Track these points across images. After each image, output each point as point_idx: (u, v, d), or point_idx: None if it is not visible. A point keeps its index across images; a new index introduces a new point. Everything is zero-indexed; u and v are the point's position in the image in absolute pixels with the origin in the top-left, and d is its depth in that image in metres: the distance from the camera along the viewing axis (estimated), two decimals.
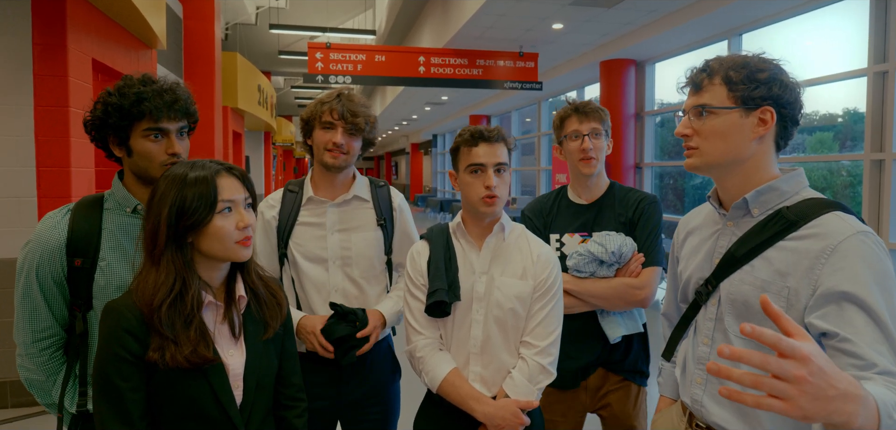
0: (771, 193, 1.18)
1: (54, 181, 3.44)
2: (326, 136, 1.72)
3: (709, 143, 1.18)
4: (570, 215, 1.93)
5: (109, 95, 1.35)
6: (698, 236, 1.33)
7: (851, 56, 5.61)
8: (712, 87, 1.18)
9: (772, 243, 1.13)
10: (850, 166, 6.02)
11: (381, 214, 1.83)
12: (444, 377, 1.54)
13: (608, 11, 6.71)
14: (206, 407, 1.20)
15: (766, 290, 1.11)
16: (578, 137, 1.86)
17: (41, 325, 1.36)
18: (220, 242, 1.19)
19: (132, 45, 4.50)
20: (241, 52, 10.69)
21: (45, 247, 1.34)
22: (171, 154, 1.36)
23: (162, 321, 1.14)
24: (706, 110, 1.17)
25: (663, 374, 1.51)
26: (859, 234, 1.05)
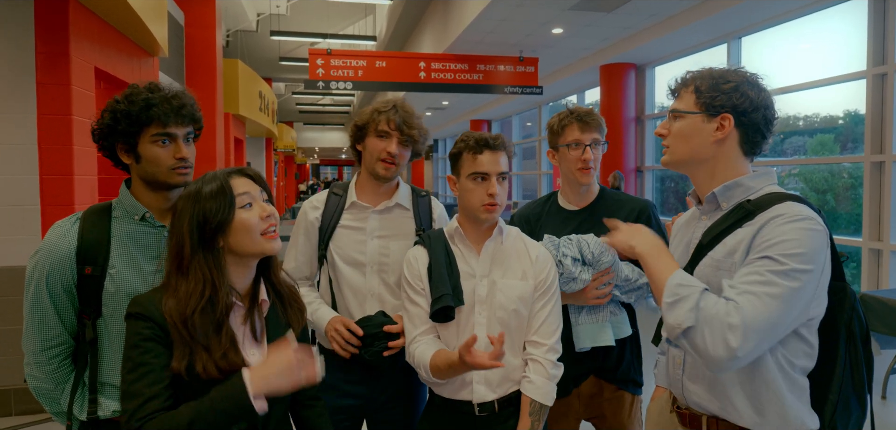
0: (737, 188, 1.29)
1: (58, 189, 3.46)
2: (381, 144, 1.73)
3: (676, 143, 1.33)
4: (560, 221, 1.92)
5: (118, 103, 1.37)
6: (685, 230, 1.46)
7: (850, 58, 5.63)
8: (685, 94, 1.33)
9: (731, 230, 1.25)
10: (851, 168, 6.02)
11: (421, 223, 1.84)
12: (431, 356, 1.53)
13: (608, 16, 6.74)
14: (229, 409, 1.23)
15: (719, 268, 1.24)
16: (580, 147, 1.83)
17: (50, 333, 1.37)
18: (248, 234, 1.24)
19: (134, 52, 4.53)
20: (243, 59, 10.73)
21: (55, 256, 1.35)
22: (179, 158, 1.38)
23: (195, 328, 1.18)
24: (676, 114, 1.33)
25: (658, 365, 1.57)
26: (802, 218, 1.15)
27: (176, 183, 1.41)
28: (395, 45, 12.89)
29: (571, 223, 1.90)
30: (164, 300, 1.21)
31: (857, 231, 5.60)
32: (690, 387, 1.33)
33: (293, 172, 27.60)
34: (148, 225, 1.42)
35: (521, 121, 14.84)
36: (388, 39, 12.45)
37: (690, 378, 1.33)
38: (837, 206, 6.36)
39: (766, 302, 1.11)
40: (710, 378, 1.28)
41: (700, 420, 1.31)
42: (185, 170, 1.41)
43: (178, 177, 1.40)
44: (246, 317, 1.31)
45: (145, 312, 1.21)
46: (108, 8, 3.71)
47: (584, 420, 1.95)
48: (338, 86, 8.27)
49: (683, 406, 1.36)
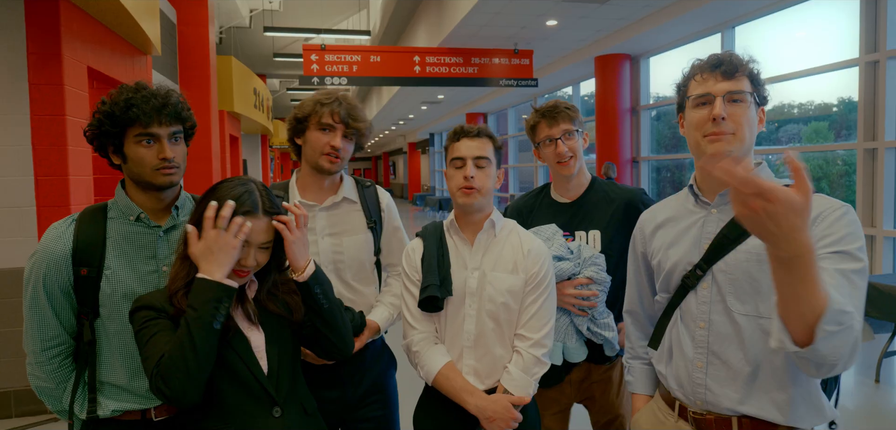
0: None
1: (53, 190, 3.46)
2: (325, 138, 1.68)
3: (744, 128, 1.25)
4: (551, 214, 1.93)
5: (103, 104, 1.38)
6: (674, 227, 1.39)
7: (843, 46, 5.64)
8: (742, 76, 1.26)
9: None
10: (845, 155, 6.05)
11: (371, 216, 1.81)
12: (439, 370, 1.58)
13: (602, 7, 6.74)
14: (237, 368, 1.31)
15: (764, 260, 1.18)
16: (552, 143, 1.86)
17: (49, 334, 1.38)
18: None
19: (127, 51, 4.52)
20: (236, 56, 10.70)
21: (51, 257, 1.36)
22: (162, 159, 1.37)
23: (180, 302, 1.27)
24: (739, 97, 1.24)
25: (634, 372, 1.55)
26: (842, 206, 1.19)
27: (161, 184, 1.40)
28: (389, 39, 12.86)
29: (561, 216, 1.92)
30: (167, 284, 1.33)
31: None
32: (718, 390, 1.26)
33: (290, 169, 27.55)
34: (143, 226, 1.43)
35: (516, 113, 14.84)
36: (382, 34, 12.42)
37: (718, 381, 1.26)
38: (832, 192, 6.39)
39: (860, 298, 1.10)
40: (743, 379, 1.23)
41: (729, 423, 1.25)
42: (169, 170, 1.39)
43: (162, 177, 1.39)
44: (235, 304, 1.37)
45: (145, 302, 1.30)
46: (100, 7, 3.69)
47: (577, 403, 1.98)
48: (332, 81, 8.26)
49: (702, 411, 1.29)
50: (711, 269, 1.27)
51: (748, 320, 1.23)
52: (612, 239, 1.86)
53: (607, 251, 1.85)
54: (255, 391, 1.31)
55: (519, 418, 1.55)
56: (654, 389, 1.51)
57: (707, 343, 1.28)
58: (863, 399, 3.73)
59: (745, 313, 1.23)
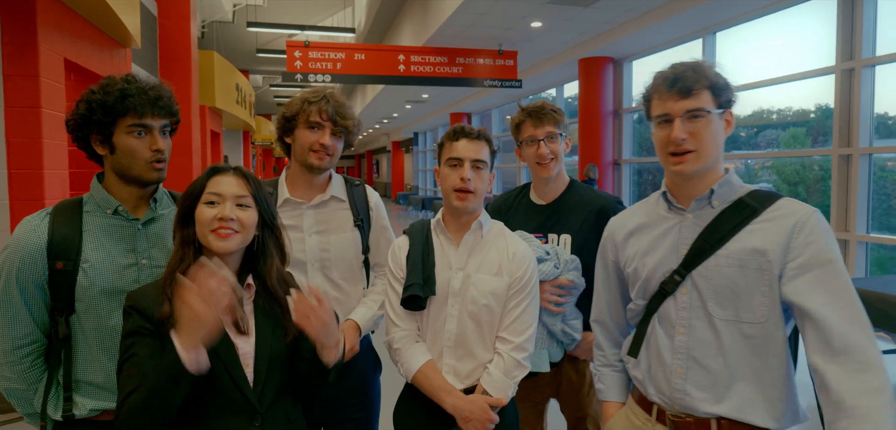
0: (727, 186, 1.30)
1: (26, 184, 3.37)
2: (313, 136, 1.68)
3: (706, 145, 1.24)
4: (528, 215, 1.94)
5: (93, 93, 1.35)
6: (648, 234, 1.38)
7: (820, 54, 5.77)
8: (701, 91, 1.24)
9: (741, 227, 1.25)
10: (821, 161, 6.19)
11: (358, 214, 1.81)
12: (418, 368, 1.58)
13: (586, 10, 6.79)
14: (220, 377, 1.26)
15: (746, 267, 1.22)
16: (534, 143, 1.86)
17: (21, 331, 1.34)
18: (200, 227, 1.29)
19: (106, 44, 4.43)
20: (219, 51, 10.56)
21: (25, 250, 1.32)
22: (155, 150, 1.37)
23: (171, 289, 1.24)
24: (699, 114, 1.24)
25: (605, 380, 1.54)
26: (815, 212, 1.22)
27: (150, 179, 1.39)
28: (374, 37, 12.81)
29: (537, 218, 1.92)
30: None
31: None
32: (697, 394, 1.27)
33: (271, 166, 27.29)
34: (121, 218, 1.40)
35: (501, 114, 14.89)
36: (367, 32, 12.37)
37: (697, 386, 1.27)
38: (808, 197, 6.53)
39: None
40: (723, 383, 1.25)
41: (708, 425, 1.26)
42: (160, 164, 1.39)
43: (154, 172, 1.38)
44: (227, 308, 1.30)
45: (135, 305, 1.25)
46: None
47: (553, 397, 1.99)
48: (316, 78, 8.20)
49: (681, 415, 1.29)
50: (690, 274, 1.28)
51: (728, 324, 1.24)
52: (581, 245, 1.85)
53: (576, 256, 1.84)
54: (237, 402, 1.27)
55: (495, 419, 1.55)
56: (625, 396, 1.51)
57: (687, 349, 1.29)
58: None
59: (726, 318, 1.24)
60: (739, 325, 1.24)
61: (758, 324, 1.23)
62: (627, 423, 1.43)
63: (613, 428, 1.48)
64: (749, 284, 1.22)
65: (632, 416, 1.43)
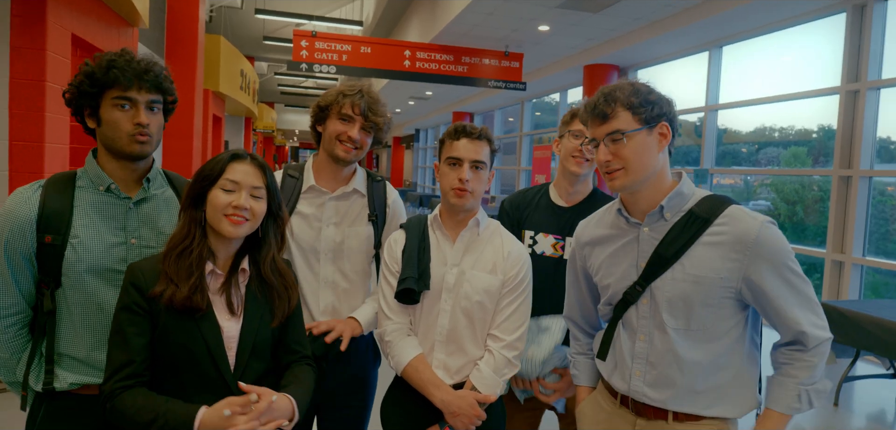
0: (678, 198, 1.36)
1: (27, 156, 3.38)
2: (342, 127, 1.71)
3: (632, 162, 1.31)
4: (548, 215, 1.95)
5: (85, 65, 1.36)
6: (610, 246, 1.46)
7: (826, 74, 5.78)
8: (617, 113, 1.32)
9: (694, 240, 1.32)
10: (820, 181, 6.20)
11: (374, 209, 1.83)
12: (408, 361, 1.59)
13: (594, 16, 6.80)
14: (201, 357, 1.29)
15: (700, 283, 1.30)
16: (579, 137, 1.88)
17: (7, 301, 1.34)
18: (213, 210, 1.31)
19: (113, 22, 4.43)
20: (225, 36, 10.56)
21: (15, 222, 1.32)
22: (137, 124, 1.34)
23: (170, 265, 1.29)
24: (624, 136, 1.31)
25: (578, 366, 1.62)
26: (763, 223, 1.28)
27: (132, 152, 1.36)
28: (381, 31, 12.81)
29: (558, 219, 1.93)
30: None
31: (822, 243, 5.77)
32: (655, 394, 1.36)
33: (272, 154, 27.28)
34: (113, 196, 1.40)
35: (503, 116, 14.89)
36: (374, 25, 12.37)
37: (654, 388, 1.36)
38: (806, 217, 6.54)
39: (811, 296, 1.30)
40: (679, 386, 1.34)
41: (665, 414, 1.37)
42: (143, 138, 1.36)
43: (136, 145, 1.35)
44: (223, 287, 1.35)
45: (134, 279, 1.29)
46: None
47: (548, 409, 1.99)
48: (321, 69, 8.20)
49: (643, 401, 1.40)
50: (650, 286, 1.35)
51: (679, 333, 1.33)
52: None
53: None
54: (215, 383, 1.29)
55: (483, 415, 1.57)
56: (596, 382, 1.59)
57: (646, 354, 1.38)
58: (822, 423, 3.82)
59: (677, 328, 1.33)
60: (690, 333, 1.33)
61: (708, 331, 1.32)
62: (596, 406, 1.53)
63: (584, 411, 1.57)
64: (702, 297, 1.30)
65: (600, 400, 1.52)
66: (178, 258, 1.30)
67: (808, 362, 1.28)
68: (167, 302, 1.26)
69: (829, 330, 1.31)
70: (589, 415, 1.54)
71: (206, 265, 1.32)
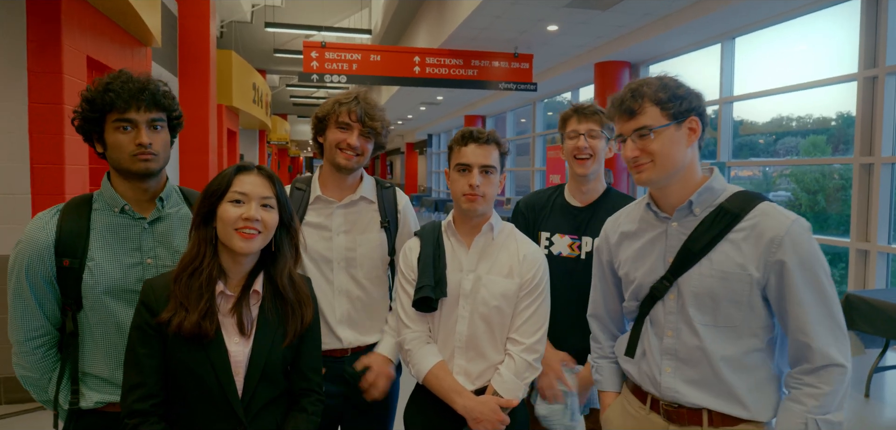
0: (708, 193, 1.34)
1: (48, 178, 3.44)
2: (341, 136, 1.71)
3: (660, 157, 1.30)
4: (563, 216, 1.95)
5: (87, 91, 1.38)
6: (637, 240, 1.44)
7: (842, 61, 5.67)
8: (645, 109, 1.30)
9: (722, 235, 1.30)
10: (841, 170, 6.08)
11: (386, 215, 1.83)
12: (429, 369, 1.59)
13: (603, 13, 6.75)
14: (209, 383, 1.26)
15: (728, 279, 1.28)
16: (575, 136, 1.89)
17: (33, 324, 1.37)
18: (223, 225, 1.28)
19: (127, 42, 4.50)
20: (237, 50, 10.68)
21: (34, 247, 1.34)
22: (138, 144, 1.35)
23: (180, 287, 1.26)
24: (651, 131, 1.29)
25: (602, 372, 1.57)
26: (795, 222, 1.25)
27: (137, 170, 1.37)
28: (390, 38, 12.86)
29: (573, 219, 1.93)
30: None
31: (845, 232, 5.66)
32: (686, 391, 1.33)
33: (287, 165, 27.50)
34: (128, 217, 1.42)
35: (515, 117, 14.85)
36: (383, 33, 12.42)
37: (686, 383, 1.34)
38: (828, 207, 6.42)
39: (836, 317, 1.24)
40: (709, 382, 1.31)
41: (699, 416, 1.33)
42: (146, 156, 1.36)
43: (138, 163, 1.36)
44: (234, 308, 1.31)
45: (146, 298, 1.28)
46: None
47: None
48: (332, 79, 8.25)
49: (674, 405, 1.36)
50: (676, 281, 1.34)
51: (707, 329, 1.31)
52: None
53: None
54: (222, 410, 1.27)
55: (506, 420, 1.56)
56: (620, 386, 1.55)
57: (674, 351, 1.36)
58: (852, 414, 3.74)
59: (705, 323, 1.31)
60: (718, 329, 1.30)
61: (737, 329, 1.29)
62: (623, 412, 1.49)
63: (610, 417, 1.53)
64: (729, 293, 1.28)
65: (627, 405, 1.48)
66: (189, 280, 1.27)
67: (816, 388, 1.20)
68: (176, 329, 1.24)
69: (849, 360, 1.22)
70: (616, 422, 1.50)
71: (217, 286, 1.29)
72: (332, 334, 1.75)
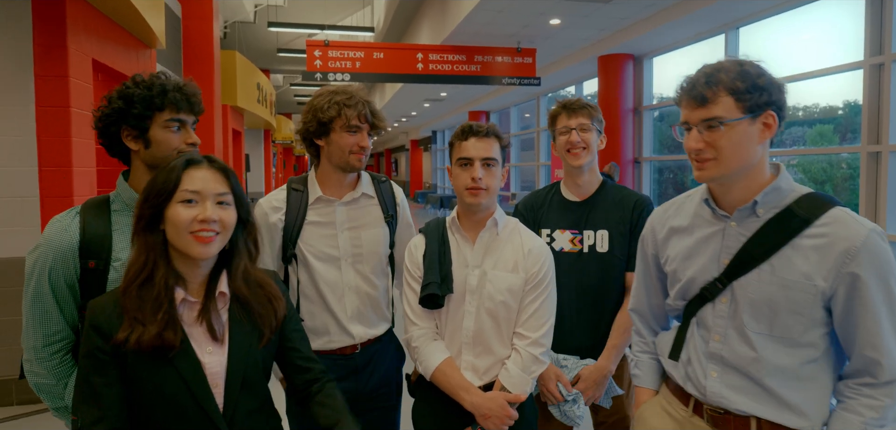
0: (775, 193, 1.23)
1: (56, 181, 3.47)
2: (353, 139, 1.71)
3: (726, 153, 1.18)
4: (562, 211, 1.97)
5: (129, 88, 1.38)
6: (689, 236, 1.34)
7: (848, 48, 5.63)
8: (721, 98, 1.18)
9: (787, 240, 1.19)
10: (849, 159, 6.04)
11: (388, 209, 1.85)
12: (437, 366, 1.59)
13: (606, 6, 6.73)
14: (182, 401, 1.14)
15: (790, 288, 1.18)
16: (567, 132, 1.92)
17: (53, 328, 1.36)
18: (175, 230, 1.15)
19: (132, 44, 4.53)
20: (240, 51, 10.70)
21: (58, 250, 1.34)
22: (190, 144, 1.43)
23: (131, 301, 1.12)
24: (722, 124, 1.17)
25: (641, 366, 1.51)
26: (872, 232, 1.15)
27: None
28: (393, 36, 12.86)
29: (571, 214, 1.95)
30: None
31: None
32: (734, 397, 1.25)
33: (292, 164, 27.58)
34: None
35: (519, 112, 14.83)
36: (386, 31, 12.42)
37: (733, 390, 1.25)
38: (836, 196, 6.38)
39: None
40: (759, 389, 1.23)
41: (747, 423, 1.25)
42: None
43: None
44: (200, 315, 1.19)
45: (94, 320, 1.14)
46: (106, 0, 3.71)
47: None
48: (336, 78, 8.26)
49: (720, 410, 1.28)
50: (731, 285, 1.25)
51: (761, 337, 1.22)
52: (618, 240, 1.89)
53: (612, 252, 1.89)
54: (199, 422, 1.14)
55: (514, 415, 1.56)
56: (659, 384, 1.49)
57: (721, 356, 1.27)
58: None
59: (758, 332, 1.23)
60: (773, 339, 1.21)
61: (793, 339, 1.20)
62: (661, 412, 1.41)
63: (646, 416, 1.45)
64: (790, 303, 1.19)
65: (667, 405, 1.40)
66: (140, 291, 1.13)
67: (877, 400, 1.14)
68: (135, 346, 1.10)
69: None
70: (653, 421, 1.41)
71: (177, 294, 1.16)
72: (344, 330, 1.76)
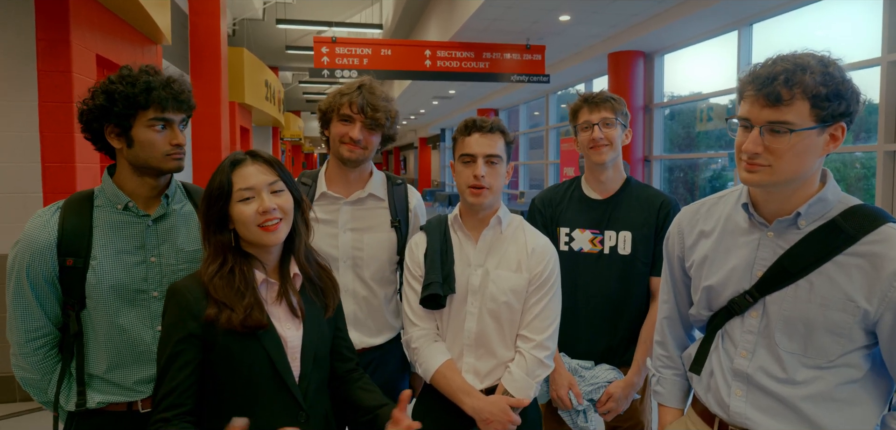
0: (819, 204, 1.14)
1: (59, 177, 3.45)
2: (343, 128, 1.66)
3: (784, 162, 1.07)
4: (582, 210, 1.87)
5: (112, 83, 1.33)
6: (721, 242, 1.25)
7: (864, 45, 5.51)
8: (794, 102, 1.05)
9: (829, 256, 1.10)
10: (863, 158, 5.92)
11: (396, 214, 1.77)
12: (437, 368, 1.54)
13: (616, 2, 6.64)
14: (264, 378, 1.22)
15: (830, 308, 1.09)
16: (589, 128, 1.82)
17: (33, 324, 1.34)
18: (245, 227, 1.24)
19: (137, 40, 4.51)
20: (248, 48, 10.71)
21: (35, 247, 1.31)
22: (175, 145, 1.37)
23: (217, 291, 1.21)
24: (790, 130, 1.05)
25: (665, 383, 1.42)
26: None
27: (171, 169, 1.39)
28: (401, 33, 12.82)
29: (592, 213, 1.86)
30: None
31: None
32: (758, 418, 1.17)
33: (300, 161, 27.66)
34: (131, 215, 1.39)
35: (528, 110, 14.73)
36: (394, 27, 12.39)
37: (758, 410, 1.17)
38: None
39: None
40: (786, 411, 1.15)
41: None
42: (179, 156, 1.39)
43: (173, 162, 1.38)
44: (280, 294, 1.30)
45: (184, 302, 1.21)
46: None
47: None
48: (343, 74, 8.23)
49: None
50: (764, 299, 1.16)
51: (793, 357, 1.14)
52: (642, 243, 1.79)
53: (635, 255, 1.79)
54: (281, 399, 1.24)
55: (517, 420, 1.50)
56: (684, 403, 1.40)
57: (747, 374, 1.19)
58: None
59: (791, 352, 1.14)
60: (806, 359, 1.13)
61: (828, 360, 1.12)
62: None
63: None
64: (828, 324, 1.10)
65: (689, 423, 1.33)
66: (224, 281, 1.22)
67: None
68: (225, 325, 1.19)
69: None
70: None
71: (257, 276, 1.27)
72: None
